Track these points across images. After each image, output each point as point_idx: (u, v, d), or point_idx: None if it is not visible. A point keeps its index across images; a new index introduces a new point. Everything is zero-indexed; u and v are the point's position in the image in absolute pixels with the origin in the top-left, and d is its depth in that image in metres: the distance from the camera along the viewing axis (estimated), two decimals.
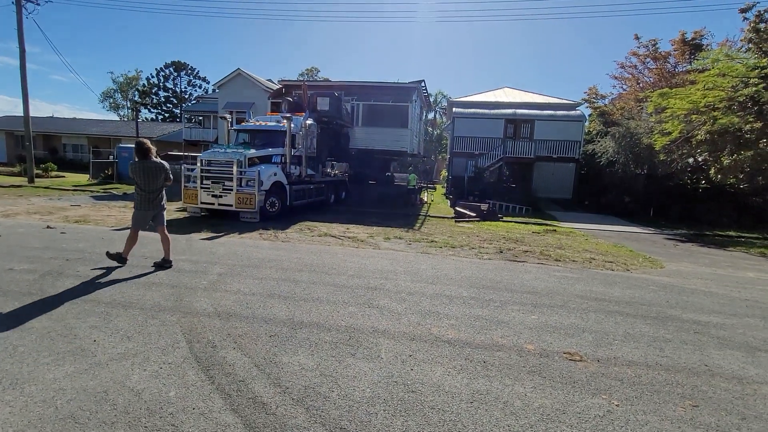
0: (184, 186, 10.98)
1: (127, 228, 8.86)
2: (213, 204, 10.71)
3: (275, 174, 11.22)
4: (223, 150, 11.12)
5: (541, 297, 5.24)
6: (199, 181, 10.69)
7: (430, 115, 47.85)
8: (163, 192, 5.95)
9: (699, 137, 13.81)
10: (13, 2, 18.44)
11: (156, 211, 5.85)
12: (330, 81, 26.40)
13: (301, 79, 51.73)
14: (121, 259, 5.75)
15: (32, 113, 20.91)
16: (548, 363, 3.37)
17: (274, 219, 10.94)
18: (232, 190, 10.44)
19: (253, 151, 11.05)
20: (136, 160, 5.68)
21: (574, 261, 7.78)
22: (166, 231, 5.91)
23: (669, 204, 18.06)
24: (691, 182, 18.64)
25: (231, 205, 10.49)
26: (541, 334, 3.98)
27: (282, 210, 11.46)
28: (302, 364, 3.14)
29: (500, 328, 4.10)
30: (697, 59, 17.69)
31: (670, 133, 14.42)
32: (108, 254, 5.75)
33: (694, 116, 13.71)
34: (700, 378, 3.27)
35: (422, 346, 3.57)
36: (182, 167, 11.39)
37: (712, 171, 15.47)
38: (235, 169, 10.41)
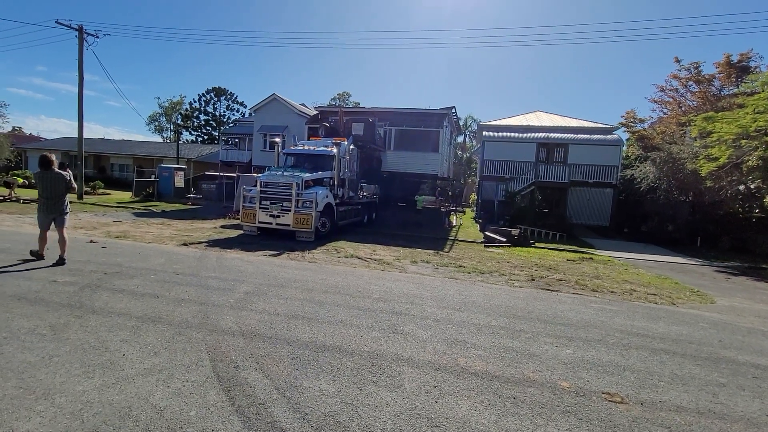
0: (243, 206, 11.61)
1: (164, 243, 9.25)
2: (271, 224, 11.21)
3: (327, 196, 11.76)
4: (280, 173, 11.70)
5: (577, 330, 4.93)
6: (257, 202, 11.23)
7: (459, 139, 47.86)
8: (66, 198, 6.87)
9: (750, 163, 12.96)
10: (76, 36, 20.32)
11: (56, 215, 6.70)
12: (363, 107, 27.09)
13: (333, 103, 53.49)
14: (38, 255, 6.66)
15: (86, 135, 22.62)
16: (585, 403, 3.12)
17: (324, 237, 11.42)
18: (290, 210, 10.94)
19: (308, 174, 11.62)
20: (40, 170, 6.58)
21: (612, 292, 7.34)
22: (65, 234, 6.70)
23: (718, 233, 16.86)
24: (743, 211, 17.40)
25: (289, 225, 10.97)
26: (577, 371, 3.71)
27: (331, 229, 11.98)
28: (323, 389, 3.06)
29: (532, 361, 3.86)
30: (745, 82, 16.85)
31: (717, 159, 13.61)
32: (30, 252, 6.73)
33: (743, 141, 12.92)
34: (761, 430, 2.92)
35: (448, 377, 3.41)
36: (241, 188, 12.09)
37: (766, 199, 14.41)
38: (294, 190, 10.93)
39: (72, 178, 6.92)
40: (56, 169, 6.69)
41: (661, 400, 3.26)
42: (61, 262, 6.47)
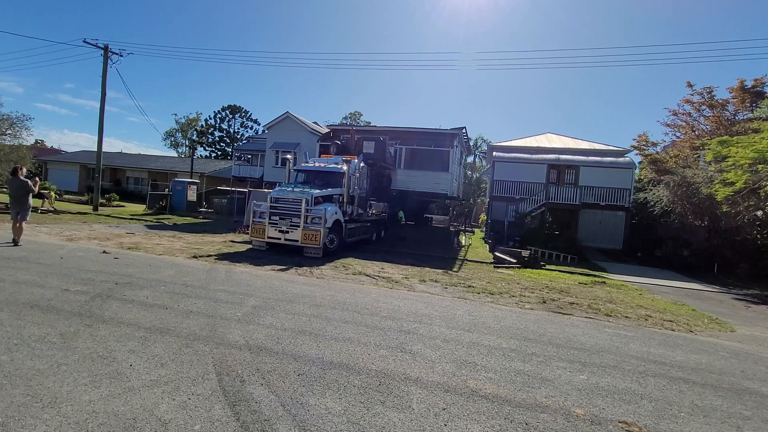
0: (252, 221, 11.64)
1: (174, 255, 9.34)
2: (279, 239, 11.22)
3: (336, 212, 11.77)
4: (290, 189, 11.77)
5: (591, 355, 4.78)
6: (267, 217, 11.27)
7: (469, 159, 47.99)
8: (27, 199, 9.05)
9: None
10: (101, 54, 21.16)
11: (19, 210, 8.81)
12: (374, 125, 27.49)
13: (345, 122, 54.31)
14: (15, 242, 8.69)
15: (106, 149, 23.24)
16: None
17: (332, 254, 11.39)
18: (299, 226, 10.95)
19: (317, 191, 11.68)
20: (10, 177, 9.06)
21: (627, 317, 7.14)
22: (23, 225, 8.88)
23: (736, 260, 16.42)
24: (761, 237, 16.98)
25: (297, 241, 10.97)
26: (592, 398, 3.57)
27: (339, 246, 11.92)
28: (329, 407, 2.99)
29: (544, 386, 3.74)
30: (760, 107, 16.74)
31: (733, 184, 13.37)
32: (14, 241, 8.72)
33: (760, 166, 12.71)
34: None
35: (457, 400, 3.31)
36: (251, 203, 12.28)
37: None
38: (303, 206, 10.97)
39: (34, 185, 9.26)
40: (21, 177, 8.96)
41: (682, 431, 3.11)
42: (15, 244, 8.61)
